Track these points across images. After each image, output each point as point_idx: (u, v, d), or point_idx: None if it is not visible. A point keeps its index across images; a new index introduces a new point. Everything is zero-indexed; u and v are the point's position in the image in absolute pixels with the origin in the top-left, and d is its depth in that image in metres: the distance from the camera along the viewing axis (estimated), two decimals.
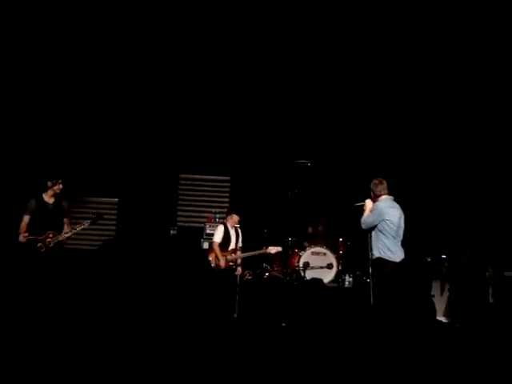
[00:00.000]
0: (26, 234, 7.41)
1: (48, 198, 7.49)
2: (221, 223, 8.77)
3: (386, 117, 10.50)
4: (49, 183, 7.42)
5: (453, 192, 10.31)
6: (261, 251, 8.83)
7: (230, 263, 8.49)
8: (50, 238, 7.44)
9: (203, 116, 10.72)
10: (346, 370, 5.18)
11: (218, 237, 8.43)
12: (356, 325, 6.93)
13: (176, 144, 10.93)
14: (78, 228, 7.61)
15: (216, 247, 8.37)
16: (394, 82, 10.29)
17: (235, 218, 8.54)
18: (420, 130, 10.40)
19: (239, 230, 8.72)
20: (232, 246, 8.53)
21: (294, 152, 10.54)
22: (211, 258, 8.47)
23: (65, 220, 7.58)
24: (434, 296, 8.70)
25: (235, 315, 8.66)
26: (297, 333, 7.51)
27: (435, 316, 8.06)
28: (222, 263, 8.28)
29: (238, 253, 8.56)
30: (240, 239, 8.72)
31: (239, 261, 8.57)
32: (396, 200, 6.95)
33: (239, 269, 8.49)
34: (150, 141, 10.87)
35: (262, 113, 10.74)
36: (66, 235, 7.51)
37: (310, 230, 10.61)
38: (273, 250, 8.67)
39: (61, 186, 7.52)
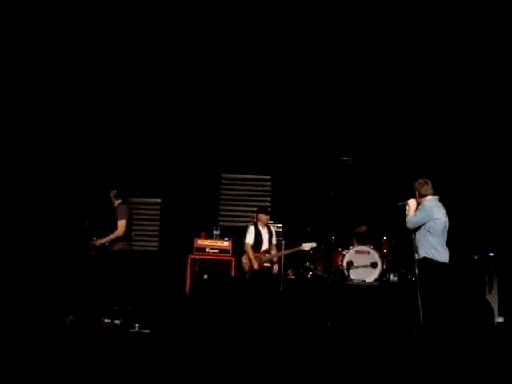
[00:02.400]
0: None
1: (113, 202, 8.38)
2: (252, 224, 8.88)
3: (427, 115, 10.43)
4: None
5: (500, 190, 10.22)
6: (295, 249, 8.91)
7: (265, 264, 8.64)
8: (95, 239, 8.17)
9: (245, 116, 10.80)
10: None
11: (249, 238, 8.57)
12: (406, 324, 7.47)
13: (217, 144, 10.99)
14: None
15: (249, 249, 8.53)
16: (439, 80, 10.22)
17: (262, 217, 8.64)
18: (463, 125, 10.32)
19: (272, 229, 8.88)
20: (265, 245, 8.67)
21: (336, 149, 10.57)
22: (244, 260, 8.65)
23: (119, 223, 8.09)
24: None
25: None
26: (341, 331, 7.86)
27: (493, 318, 8.74)
28: (256, 265, 8.44)
29: (273, 252, 8.72)
30: (274, 237, 8.86)
31: (275, 259, 8.72)
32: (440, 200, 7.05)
33: (275, 267, 8.68)
34: (191, 141, 10.96)
35: (303, 111, 10.73)
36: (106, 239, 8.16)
37: (363, 229, 10.53)
38: (307, 246, 8.76)
39: (111, 194, 8.31)
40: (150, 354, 6.06)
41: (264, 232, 8.72)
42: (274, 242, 8.90)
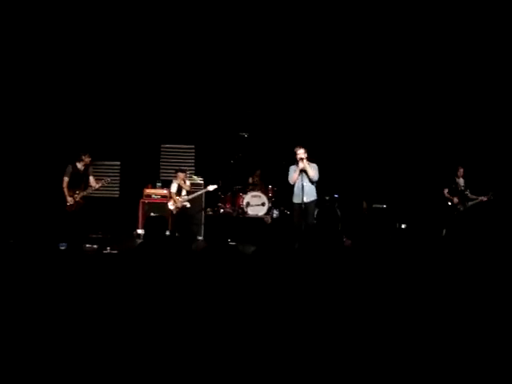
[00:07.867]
0: (71, 195, 8.74)
1: (80, 165, 8.92)
2: (174, 179, 9.97)
3: (305, 98, 11.80)
4: (82, 156, 8.90)
5: (344, 155, 11.99)
6: (204, 190, 10.05)
7: (184, 203, 9.83)
8: (77, 194, 8.87)
9: (176, 102, 12.05)
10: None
11: (173, 188, 9.84)
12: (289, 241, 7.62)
13: (159, 123, 12.18)
14: (97, 186, 9.08)
15: (173, 195, 9.79)
16: (313, 66, 11.18)
17: (178, 174, 9.86)
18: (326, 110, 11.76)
19: (187, 182, 9.96)
20: (184, 192, 9.88)
21: (237, 127, 12.30)
22: (171, 203, 9.84)
23: (90, 179, 8.94)
24: None
25: (201, 238, 10.70)
26: (243, 248, 8.56)
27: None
28: (179, 204, 9.73)
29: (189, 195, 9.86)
30: (189, 187, 9.93)
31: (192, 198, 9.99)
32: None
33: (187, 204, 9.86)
34: (142, 121, 12.10)
35: (216, 98, 11.99)
36: (88, 191, 8.98)
37: (250, 180, 12.13)
38: (211, 187, 9.89)
39: (89, 158, 8.93)
40: (118, 268, 6.28)
41: (182, 184, 9.86)
42: (189, 189, 9.88)
